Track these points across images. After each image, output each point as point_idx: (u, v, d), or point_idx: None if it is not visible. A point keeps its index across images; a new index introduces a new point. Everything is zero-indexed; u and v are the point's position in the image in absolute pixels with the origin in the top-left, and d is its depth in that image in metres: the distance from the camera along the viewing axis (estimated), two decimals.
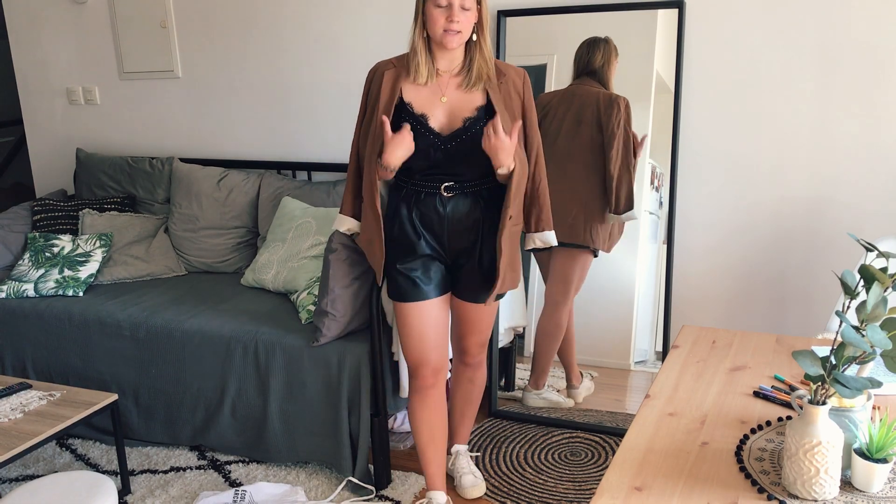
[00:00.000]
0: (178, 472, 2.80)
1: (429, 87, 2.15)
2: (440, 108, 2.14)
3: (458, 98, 2.14)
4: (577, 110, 2.83)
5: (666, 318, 2.89)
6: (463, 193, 2.18)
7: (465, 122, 2.12)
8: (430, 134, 2.12)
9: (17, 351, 3.13)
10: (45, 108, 4.08)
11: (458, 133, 2.12)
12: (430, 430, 2.40)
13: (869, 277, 1.35)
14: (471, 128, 2.12)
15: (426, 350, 2.31)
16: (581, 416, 3.01)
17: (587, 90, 2.81)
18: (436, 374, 2.34)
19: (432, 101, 2.14)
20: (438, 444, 2.42)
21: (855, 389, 1.32)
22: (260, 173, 3.49)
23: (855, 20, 2.58)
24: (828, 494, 1.37)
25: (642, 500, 1.39)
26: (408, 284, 2.25)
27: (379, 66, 2.24)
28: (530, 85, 2.24)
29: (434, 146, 2.12)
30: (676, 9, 2.75)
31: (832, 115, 2.67)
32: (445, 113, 2.14)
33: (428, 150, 2.13)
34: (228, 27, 3.55)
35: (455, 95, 2.14)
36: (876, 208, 2.67)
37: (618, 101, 2.77)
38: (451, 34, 2.04)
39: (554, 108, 2.86)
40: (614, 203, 2.79)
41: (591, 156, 2.80)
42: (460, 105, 2.14)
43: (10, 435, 2.37)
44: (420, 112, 2.14)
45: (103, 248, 3.36)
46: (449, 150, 2.12)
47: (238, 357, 2.76)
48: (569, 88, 2.86)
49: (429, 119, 2.13)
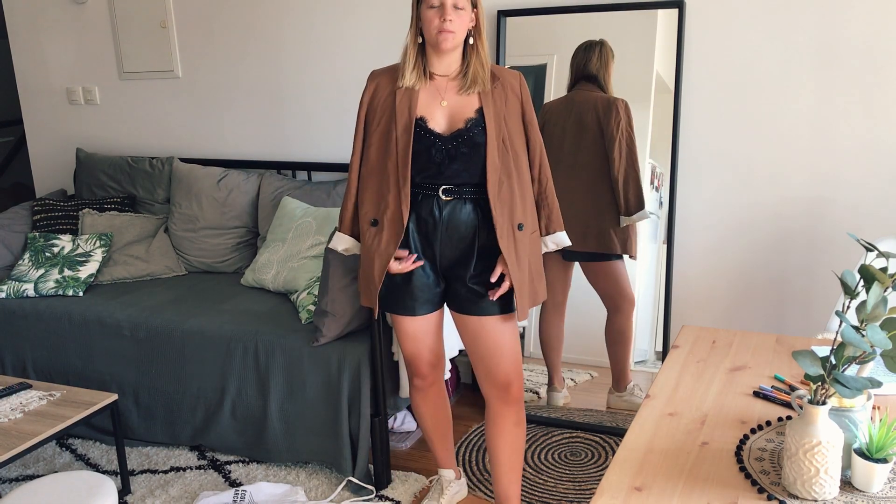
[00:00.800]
0: (178, 472, 2.80)
1: (427, 91, 2.12)
2: (440, 111, 2.12)
3: (458, 102, 2.12)
4: (578, 117, 2.82)
5: (666, 318, 2.89)
6: (461, 199, 2.12)
7: (468, 122, 2.10)
8: (430, 135, 2.11)
9: (17, 351, 3.13)
10: (45, 108, 4.08)
11: (460, 133, 2.10)
12: (433, 421, 2.45)
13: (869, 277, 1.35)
14: (473, 128, 2.09)
15: (421, 352, 2.30)
16: (581, 416, 3.01)
17: (586, 96, 2.81)
18: (433, 371, 2.35)
19: (432, 104, 2.12)
20: (443, 430, 2.48)
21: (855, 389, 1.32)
22: (260, 173, 3.49)
23: (854, 20, 2.58)
24: (828, 494, 1.37)
25: (642, 500, 1.39)
26: (398, 297, 2.20)
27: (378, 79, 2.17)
28: (527, 87, 2.21)
29: (435, 146, 2.11)
30: (676, 9, 2.75)
31: (832, 115, 2.67)
32: (446, 116, 2.12)
33: (429, 150, 2.11)
34: (228, 27, 3.55)
35: (455, 99, 2.12)
36: (876, 208, 2.67)
37: (616, 104, 2.77)
38: (444, 34, 2.02)
39: (555, 116, 2.86)
40: (623, 205, 2.78)
41: (600, 161, 2.79)
42: (461, 108, 2.12)
43: (10, 435, 2.37)
44: (419, 115, 2.12)
45: (103, 248, 3.36)
46: (450, 150, 2.10)
47: (238, 357, 2.76)
48: (567, 96, 2.86)
49: (428, 121, 2.11)
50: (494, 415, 2.25)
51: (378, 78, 2.18)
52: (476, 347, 2.20)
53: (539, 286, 2.20)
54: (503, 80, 2.14)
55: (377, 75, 2.19)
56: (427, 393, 2.40)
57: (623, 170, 2.76)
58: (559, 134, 2.84)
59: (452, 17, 2.01)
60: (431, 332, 2.28)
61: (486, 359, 2.20)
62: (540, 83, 2.94)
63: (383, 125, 2.13)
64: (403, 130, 2.09)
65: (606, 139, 2.76)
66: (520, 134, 2.16)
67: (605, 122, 2.76)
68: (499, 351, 2.18)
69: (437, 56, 2.10)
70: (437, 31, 2.02)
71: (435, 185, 2.12)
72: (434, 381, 2.37)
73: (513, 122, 2.14)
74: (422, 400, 2.41)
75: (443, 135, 2.11)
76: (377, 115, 2.15)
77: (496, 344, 2.17)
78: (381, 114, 2.14)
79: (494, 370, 2.20)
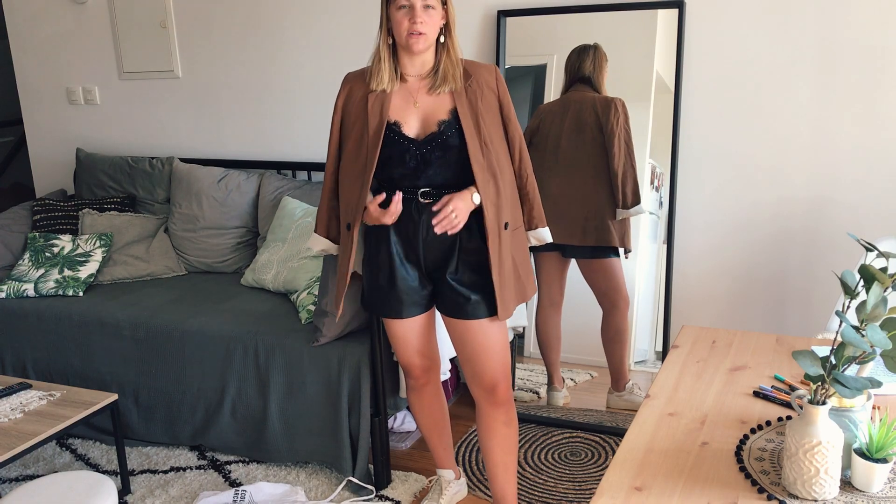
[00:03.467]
0: (178, 472, 2.80)
1: (400, 94, 2.08)
2: (413, 113, 2.07)
3: (431, 102, 2.07)
4: (576, 116, 2.84)
5: (666, 318, 2.89)
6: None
7: (440, 125, 2.05)
8: (404, 140, 2.06)
9: (17, 351, 3.13)
10: (45, 108, 4.08)
11: (433, 137, 2.06)
12: (431, 420, 2.45)
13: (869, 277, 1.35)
14: (446, 131, 2.05)
15: (411, 354, 2.30)
16: (581, 416, 3.01)
17: (582, 96, 2.83)
18: (427, 374, 2.36)
19: (405, 107, 2.07)
20: (441, 430, 2.47)
21: (855, 389, 1.32)
22: (260, 173, 3.49)
23: (855, 20, 2.58)
24: (828, 494, 1.37)
25: (642, 500, 1.39)
26: (385, 300, 2.19)
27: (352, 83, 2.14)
28: (503, 79, 2.15)
29: (409, 152, 2.06)
30: (676, 9, 2.75)
31: (832, 115, 2.67)
32: (419, 118, 2.07)
33: (403, 156, 2.06)
34: (228, 27, 3.55)
35: (427, 100, 2.07)
36: (876, 208, 2.67)
37: (615, 102, 2.79)
38: (415, 36, 1.97)
39: (551, 116, 2.88)
40: (621, 198, 2.80)
41: (597, 159, 2.81)
42: (433, 109, 2.07)
43: (10, 435, 2.37)
44: (393, 119, 2.07)
45: (103, 248, 3.36)
46: (425, 154, 2.05)
47: (238, 357, 2.76)
48: (563, 97, 2.87)
49: (402, 126, 2.06)
50: (484, 416, 2.26)
51: (351, 82, 2.14)
52: (463, 349, 2.20)
53: (527, 283, 2.18)
54: (476, 77, 2.09)
55: (351, 79, 2.15)
56: (421, 392, 2.40)
57: (622, 164, 2.79)
58: (556, 132, 2.85)
59: (423, 19, 1.96)
60: (420, 334, 2.26)
61: (472, 361, 2.19)
62: (540, 83, 2.94)
63: (357, 130, 2.10)
64: (373, 135, 2.05)
65: (606, 135, 2.78)
66: (498, 130, 2.11)
67: (605, 120, 2.78)
68: (485, 353, 2.16)
69: (408, 57, 2.06)
70: (408, 33, 1.97)
71: (413, 188, 2.08)
72: (427, 381, 2.37)
73: (490, 119, 2.08)
74: (417, 399, 2.42)
75: (416, 140, 2.06)
76: (351, 119, 2.12)
77: (482, 346, 2.15)
78: (355, 119, 2.10)
79: (480, 372, 2.19)
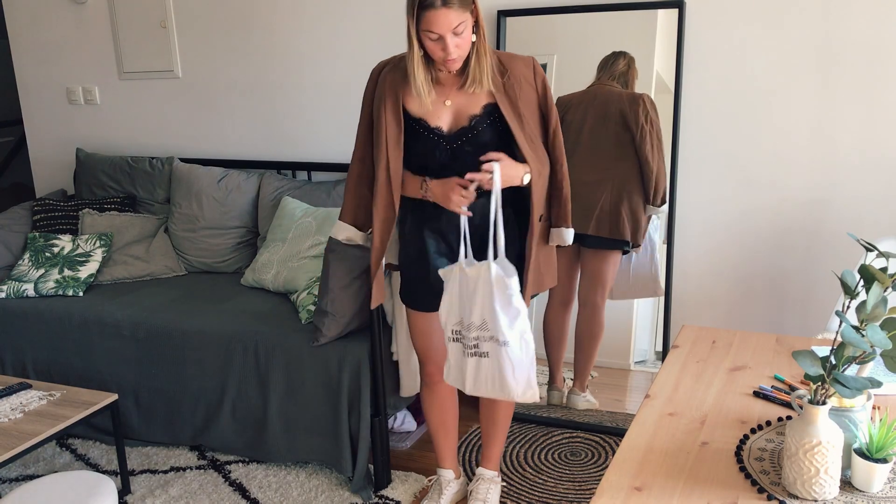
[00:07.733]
0: (178, 472, 2.80)
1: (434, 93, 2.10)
2: (444, 110, 2.09)
3: (463, 99, 2.09)
4: (602, 107, 2.83)
5: (666, 318, 2.89)
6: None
7: (472, 119, 2.08)
8: (432, 134, 2.09)
9: (17, 351, 3.13)
10: (45, 108, 4.08)
11: (464, 132, 2.08)
12: (440, 418, 2.46)
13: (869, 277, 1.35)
14: (477, 126, 2.07)
15: (430, 348, 2.33)
16: (581, 416, 3.01)
17: (609, 90, 2.83)
18: (440, 371, 2.36)
19: (436, 104, 2.09)
20: (449, 430, 2.48)
21: (855, 389, 1.32)
22: (260, 173, 3.49)
23: (855, 20, 2.58)
24: (828, 494, 1.37)
25: (642, 500, 1.39)
26: (416, 293, 2.24)
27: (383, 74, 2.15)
28: (542, 70, 2.16)
29: (438, 147, 2.09)
30: (676, 9, 2.75)
31: (832, 115, 2.67)
32: (451, 114, 2.09)
33: (432, 151, 2.09)
34: (228, 27, 3.55)
35: (459, 97, 2.09)
36: (876, 208, 2.67)
37: (641, 97, 2.78)
38: (450, 62, 1.99)
39: (575, 105, 2.87)
40: (653, 195, 2.80)
41: (618, 149, 2.81)
42: (466, 105, 2.09)
43: (10, 435, 2.37)
44: (419, 115, 2.09)
45: (103, 248, 3.37)
46: (455, 149, 2.08)
47: (238, 357, 2.76)
48: (590, 89, 2.86)
49: (429, 120, 2.09)
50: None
51: (382, 72, 2.16)
52: None
53: (546, 273, 2.23)
54: (513, 71, 2.10)
55: (382, 69, 2.16)
56: (435, 389, 2.41)
57: (657, 161, 2.78)
58: (579, 120, 2.85)
59: (457, 43, 1.97)
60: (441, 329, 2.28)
61: None
62: None
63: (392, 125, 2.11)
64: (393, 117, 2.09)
65: (636, 132, 2.77)
66: (538, 125, 2.14)
67: (633, 115, 2.77)
68: None
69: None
70: (443, 60, 2.00)
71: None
72: (442, 379, 2.38)
73: (530, 113, 2.11)
74: (430, 396, 2.43)
75: (447, 133, 2.09)
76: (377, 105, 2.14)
77: None
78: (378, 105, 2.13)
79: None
